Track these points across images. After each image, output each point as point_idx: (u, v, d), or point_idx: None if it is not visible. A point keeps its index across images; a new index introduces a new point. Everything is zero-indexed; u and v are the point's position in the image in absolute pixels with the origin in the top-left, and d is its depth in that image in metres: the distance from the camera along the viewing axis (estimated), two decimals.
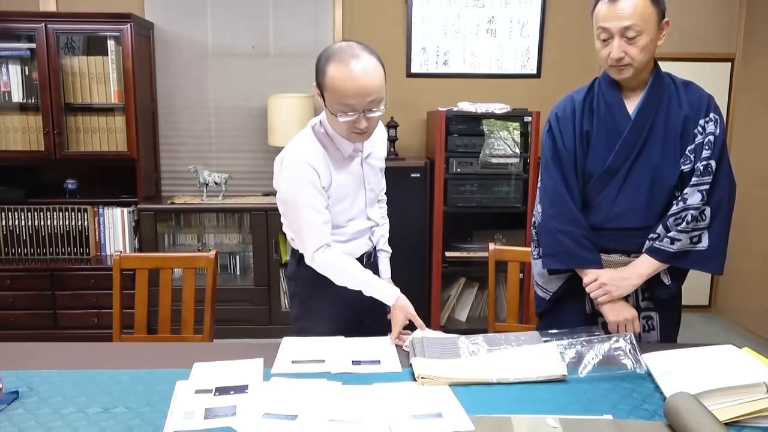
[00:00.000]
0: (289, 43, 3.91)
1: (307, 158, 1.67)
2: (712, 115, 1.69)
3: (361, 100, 1.57)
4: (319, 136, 1.73)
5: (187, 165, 3.84)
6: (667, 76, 1.75)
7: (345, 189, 1.75)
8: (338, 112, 1.60)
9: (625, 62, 1.64)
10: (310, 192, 1.67)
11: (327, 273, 1.75)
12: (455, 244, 3.75)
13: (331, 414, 1.28)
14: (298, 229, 1.75)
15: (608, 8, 1.62)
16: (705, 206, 1.67)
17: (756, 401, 1.26)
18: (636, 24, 1.59)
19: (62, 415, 1.28)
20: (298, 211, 1.69)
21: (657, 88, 1.71)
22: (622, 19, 1.60)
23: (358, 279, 1.75)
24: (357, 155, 1.78)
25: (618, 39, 1.62)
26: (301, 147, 1.71)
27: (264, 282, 3.66)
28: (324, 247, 1.72)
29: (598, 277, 1.71)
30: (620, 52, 1.62)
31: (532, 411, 1.30)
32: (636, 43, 1.62)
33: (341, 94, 1.57)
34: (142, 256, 2.28)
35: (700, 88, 1.75)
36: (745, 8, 4.06)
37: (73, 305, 3.55)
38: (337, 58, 1.57)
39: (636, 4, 1.59)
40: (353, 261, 1.77)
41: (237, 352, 1.60)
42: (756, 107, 3.97)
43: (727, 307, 4.29)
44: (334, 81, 1.57)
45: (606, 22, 1.63)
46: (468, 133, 3.57)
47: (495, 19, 3.97)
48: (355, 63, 1.55)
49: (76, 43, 3.67)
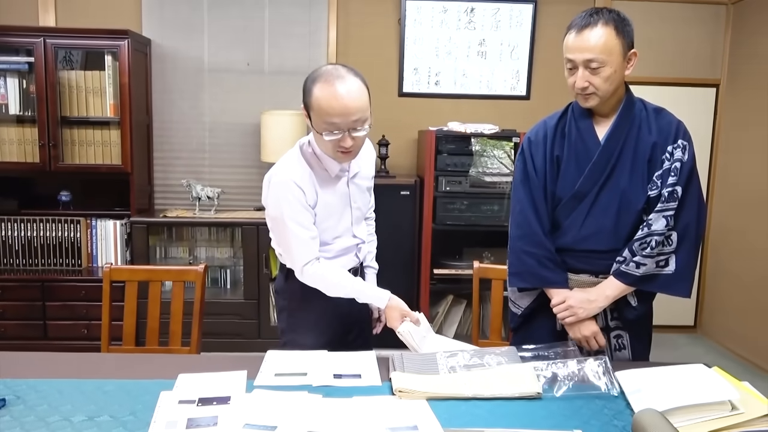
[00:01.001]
0: (283, 62, 3.99)
1: (294, 177, 1.72)
2: (680, 142, 1.74)
3: (345, 119, 1.63)
4: (306, 156, 1.78)
5: (181, 179, 3.89)
6: (639, 101, 1.80)
7: (330, 208, 1.80)
8: (324, 131, 1.65)
9: (589, 91, 1.70)
10: (296, 209, 1.72)
11: (317, 285, 1.80)
12: (444, 261, 3.80)
13: (311, 426, 1.31)
14: (287, 245, 1.79)
15: (574, 39, 1.69)
16: (671, 231, 1.72)
17: (720, 419, 1.31)
18: (598, 57, 1.65)
19: (47, 423, 1.32)
20: (286, 227, 1.74)
21: (627, 115, 1.76)
22: (584, 51, 1.66)
23: (348, 288, 1.80)
24: (343, 175, 1.83)
25: (582, 69, 1.68)
26: (288, 166, 1.76)
27: (254, 296, 3.69)
28: (313, 261, 1.77)
29: (565, 299, 1.78)
30: (584, 81, 1.69)
31: (506, 425, 1.34)
32: (599, 74, 1.67)
33: (326, 113, 1.63)
34: (132, 268, 2.32)
35: (671, 114, 1.81)
36: (730, 35, 4.16)
37: (63, 316, 3.57)
38: (322, 80, 1.64)
39: (599, 36, 1.65)
40: (342, 271, 1.82)
41: (222, 364, 1.64)
42: (740, 132, 4.06)
43: (711, 329, 4.34)
44: (320, 101, 1.63)
45: (571, 54, 1.70)
46: (457, 152, 3.64)
47: (486, 42, 4.06)
48: (339, 84, 1.62)
49: (73, 58, 3.73)
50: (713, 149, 4.29)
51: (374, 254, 2.09)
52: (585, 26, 1.67)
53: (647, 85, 3.97)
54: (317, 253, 1.78)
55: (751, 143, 3.92)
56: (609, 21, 1.66)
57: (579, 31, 1.68)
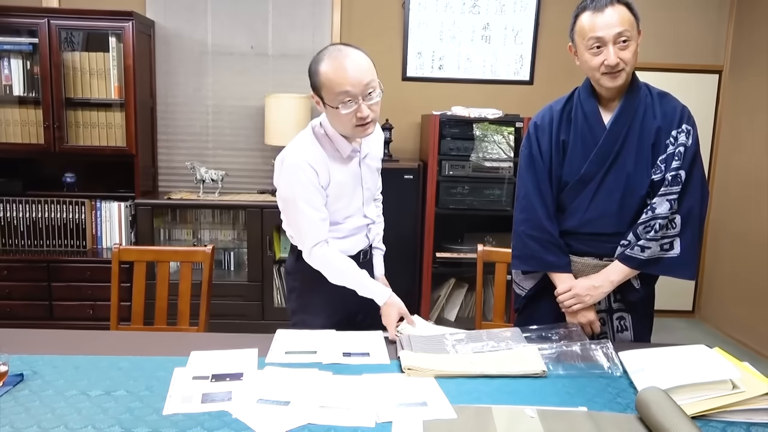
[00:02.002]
0: (287, 45, 3.98)
1: (307, 158, 1.74)
2: (684, 126, 1.76)
3: (357, 85, 1.66)
4: (318, 137, 1.80)
5: (185, 161, 3.90)
6: (644, 86, 1.82)
7: (342, 187, 1.83)
8: (339, 104, 1.67)
9: (620, 68, 1.71)
10: (308, 190, 1.75)
11: (323, 269, 1.82)
12: (446, 245, 3.83)
13: (322, 401, 1.35)
14: (297, 226, 1.82)
15: (595, 19, 1.70)
16: (675, 215, 1.75)
17: (721, 397, 1.34)
18: (627, 30, 1.68)
19: (66, 397, 1.35)
20: (297, 208, 1.77)
21: (632, 99, 1.78)
22: (613, 26, 1.68)
23: (352, 278, 1.82)
24: (355, 155, 1.85)
25: (612, 46, 1.69)
26: (301, 147, 1.78)
27: (258, 278, 3.73)
28: (322, 243, 1.79)
29: (571, 287, 1.81)
30: (616, 58, 1.69)
31: (512, 402, 1.38)
32: (628, 48, 1.70)
33: (338, 84, 1.65)
34: (140, 248, 2.34)
35: (675, 99, 1.83)
36: (733, 22, 4.16)
37: (68, 297, 3.60)
38: (327, 57, 1.68)
39: (621, 12, 1.69)
40: (349, 261, 1.83)
41: (232, 343, 1.67)
42: (742, 118, 4.07)
43: (709, 313, 4.39)
44: (329, 74, 1.66)
45: (599, 31, 1.69)
46: (461, 136, 3.65)
47: (490, 26, 4.06)
48: (344, 56, 1.66)
49: (77, 39, 3.73)
50: (715, 135, 4.30)
51: (381, 236, 2.12)
52: (604, 5, 1.69)
53: (650, 70, 3.97)
54: (327, 236, 1.80)
55: (753, 130, 3.94)
56: (621, 0, 1.70)
57: (598, 9, 1.69)
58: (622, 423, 1.30)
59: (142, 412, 1.29)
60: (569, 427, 1.27)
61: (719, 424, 1.31)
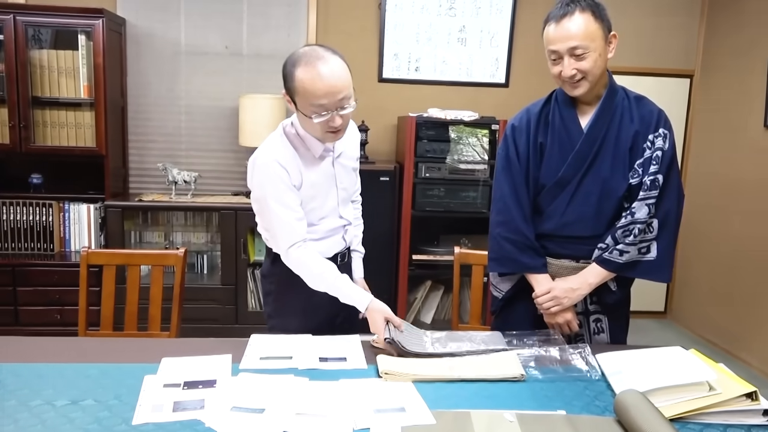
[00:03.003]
0: (262, 45, 3.93)
1: (277, 157, 1.71)
2: (661, 130, 1.77)
3: (332, 98, 1.62)
4: (290, 137, 1.77)
5: (157, 162, 3.82)
6: (621, 90, 1.83)
7: (316, 188, 1.79)
8: (312, 114, 1.64)
9: (577, 78, 1.71)
10: (280, 189, 1.71)
11: (300, 272, 1.77)
12: (422, 247, 3.82)
13: (298, 408, 1.32)
14: (271, 228, 1.78)
15: (555, 30, 1.70)
16: (652, 218, 1.76)
17: (699, 399, 1.35)
18: (582, 43, 1.67)
19: (29, 407, 1.29)
20: (270, 209, 1.73)
21: (609, 103, 1.79)
22: (567, 40, 1.68)
23: (329, 281, 1.75)
24: (328, 155, 1.82)
25: (567, 58, 1.70)
26: (271, 147, 1.75)
27: (232, 282, 3.67)
28: (300, 243, 1.75)
29: (550, 290, 1.81)
30: (571, 70, 1.70)
31: (491, 407, 1.36)
32: (586, 59, 1.69)
33: (313, 95, 1.61)
34: (110, 252, 2.28)
35: (652, 103, 1.84)
36: (704, 27, 4.23)
37: (35, 302, 3.49)
38: (303, 62, 1.62)
39: (579, 24, 1.67)
40: (327, 264, 1.77)
41: (205, 349, 1.63)
42: (713, 122, 4.14)
43: (681, 314, 4.45)
44: (304, 83, 1.61)
45: (554, 45, 1.71)
46: (437, 138, 3.65)
47: (466, 29, 4.06)
48: (321, 64, 1.60)
49: (45, 36, 3.63)
50: (686, 138, 4.37)
51: (360, 238, 2.09)
52: (563, 16, 1.69)
53: (622, 74, 4.02)
54: (304, 236, 1.76)
55: (724, 133, 4.01)
56: (585, 8, 1.69)
57: (558, 21, 1.70)
58: (600, 426, 1.29)
59: (110, 422, 1.24)
60: (548, 431, 1.26)
61: (697, 426, 1.31)
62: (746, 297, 3.75)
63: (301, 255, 1.75)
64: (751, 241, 3.71)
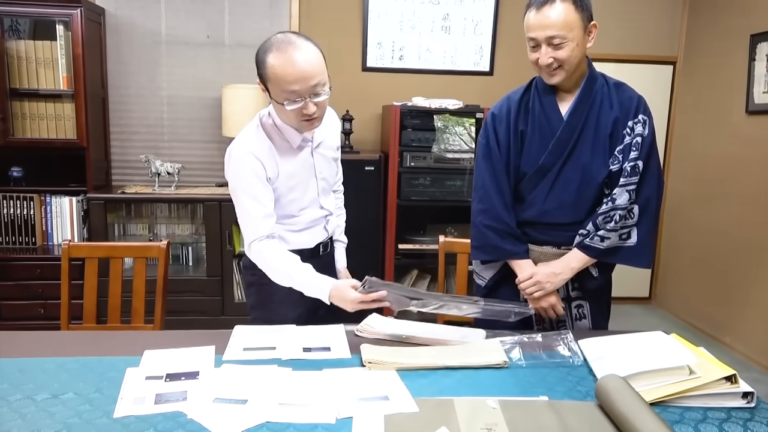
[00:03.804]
0: (244, 34, 3.90)
1: (252, 149, 1.69)
2: (641, 117, 1.77)
3: (304, 84, 1.59)
4: (266, 128, 1.75)
5: (139, 154, 3.79)
6: (600, 76, 1.83)
7: (295, 179, 1.78)
8: (285, 101, 1.62)
9: (554, 67, 1.71)
10: (251, 183, 1.69)
11: (262, 267, 1.74)
12: (408, 236, 3.82)
13: (281, 398, 1.31)
14: (239, 220, 1.76)
15: (534, 17, 1.69)
16: (633, 204, 1.76)
17: (679, 383, 1.36)
18: (560, 33, 1.67)
19: (9, 402, 1.28)
20: (238, 201, 1.72)
21: (589, 90, 1.79)
22: (546, 28, 1.67)
23: (291, 279, 1.68)
24: (306, 145, 1.80)
25: (545, 47, 1.69)
26: (247, 139, 1.73)
27: (217, 273, 3.65)
28: (263, 239, 1.71)
29: (533, 275, 1.82)
30: (548, 58, 1.70)
31: (474, 394, 1.37)
32: (563, 49, 1.69)
33: (284, 81, 1.59)
34: (91, 245, 2.25)
35: (632, 89, 1.84)
36: (687, 14, 4.25)
37: (17, 296, 3.46)
38: (275, 48, 1.60)
39: (559, 12, 1.66)
40: (289, 261, 1.70)
41: (188, 341, 1.62)
42: (696, 108, 4.17)
43: (665, 300, 4.50)
44: (276, 69, 1.59)
45: (532, 32, 1.70)
46: (422, 127, 3.64)
47: (450, 17, 4.05)
48: (293, 50, 1.58)
49: (22, 27, 3.57)
50: (670, 125, 4.40)
51: (343, 228, 2.08)
52: (544, 3, 1.68)
53: (604, 61, 4.03)
54: (268, 232, 1.72)
55: (707, 119, 4.04)
56: None
57: (538, 8, 1.69)
58: (582, 411, 1.30)
59: (91, 416, 1.23)
60: (530, 417, 1.27)
61: (677, 409, 1.33)
62: (729, 282, 3.80)
63: (263, 248, 1.71)
64: (735, 226, 3.75)
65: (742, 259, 3.68)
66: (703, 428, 1.26)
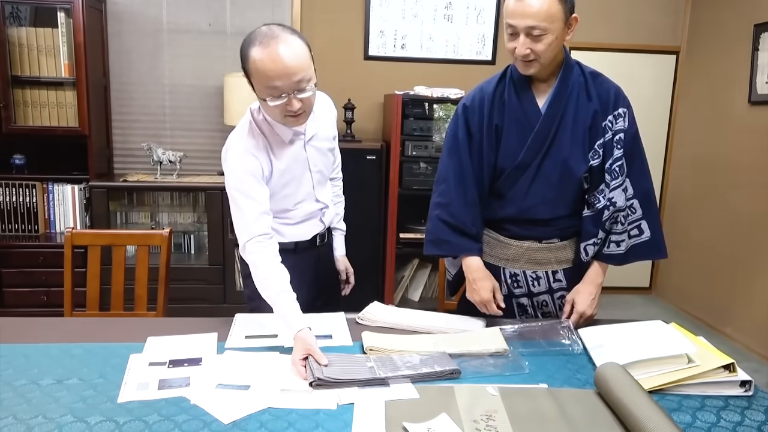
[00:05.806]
0: (246, 22, 3.88)
1: (246, 146, 1.65)
2: (620, 110, 1.73)
3: (287, 80, 1.53)
4: (258, 123, 1.70)
5: (141, 142, 3.79)
6: (576, 66, 1.76)
7: (289, 174, 1.74)
8: (267, 96, 1.56)
9: (530, 58, 1.65)
10: (246, 181, 1.65)
11: (251, 271, 1.68)
12: (409, 225, 3.83)
13: (283, 384, 1.33)
14: (234, 218, 1.70)
15: (515, 4, 1.61)
16: (632, 200, 1.75)
17: (678, 371, 1.37)
18: (540, 24, 1.59)
19: (14, 387, 1.30)
20: (234, 199, 1.66)
21: (566, 82, 1.73)
22: (526, 18, 1.60)
23: (271, 292, 1.59)
24: (298, 139, 1.76)
25: (523, 36, 1.63)
26: (240, 136, 1.69)
27: (219, 261, 3.66)
28: (259, 238, 1.64)
29: (580, 314, 1.75)
30: (525, 49, 1.63)
31: (475, 381, 1.38)
32: (541, 41, 1.62)
33: (266, 77, 1.53)
34: (94, 232, 2.26)
35: (609, 80, 1.79)
36: (690, 3, 4.22)
37: (20, 283, 3.48)
38: (258, 42, 1.53)
39: (541, 3, 1.58)
40: (276, 274, 1.61)
41: (191, 328, 1.64)
42: (698, 99, 4.16)
43: (665, 290, 4.51)
44: (256, 64, 1.53)
45: (512, 19, 1.63)
46: (424, 117, 3.64)
47: (452, 5, 4.03)
48: (276, 44, 1.51)
49: (23, 14, 3.56)
50: (672, 115, 4.39)
51: (342, 216, 2.08)
52: None
53: (608, 51, 4.01)
54: (264, 230, 1.65)
55: (710, 110, 4.03)
56: None
57: None
58: (581, 398, 1.32)
59: (95, 401, 1.25)
60: (530, 404, 1.28)
61: (675, 397, 1.34)
62: (730, 273, 3.80)
63: (257, 250, 1.63)
64: (736, 217, 3.75)
65: (743, 250, 3.68)
66: (701, 416, 1.27)
